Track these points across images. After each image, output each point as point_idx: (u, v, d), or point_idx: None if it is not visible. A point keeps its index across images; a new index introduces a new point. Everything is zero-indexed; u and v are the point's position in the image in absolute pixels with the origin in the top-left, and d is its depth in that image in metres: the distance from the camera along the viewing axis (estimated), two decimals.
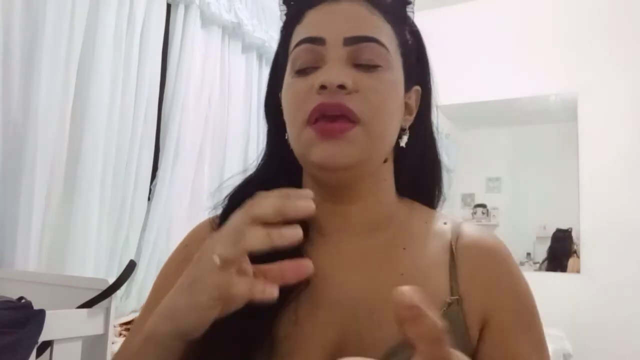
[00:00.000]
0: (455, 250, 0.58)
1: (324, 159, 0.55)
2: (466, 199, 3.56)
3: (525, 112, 3.25)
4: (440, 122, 0.69)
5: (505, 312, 0.56)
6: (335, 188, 0.60)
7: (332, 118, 0.54)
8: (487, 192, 3.53)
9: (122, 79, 1.91)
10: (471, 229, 0.61)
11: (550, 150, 3.29)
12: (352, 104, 0.54)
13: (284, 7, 0.66)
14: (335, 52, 0.56)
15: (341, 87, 0.54)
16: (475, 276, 0.57)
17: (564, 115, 3.02)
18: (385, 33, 0.59)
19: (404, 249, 0.59)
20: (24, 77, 1.57)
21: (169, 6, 2.21)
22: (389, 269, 0.57)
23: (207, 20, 2.36)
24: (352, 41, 0.56)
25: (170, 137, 2.15)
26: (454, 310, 0.54)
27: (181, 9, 2.24)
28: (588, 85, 2.83)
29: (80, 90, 1.75)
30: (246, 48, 2.63)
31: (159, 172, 2.12)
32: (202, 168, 2.34)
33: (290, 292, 0.53)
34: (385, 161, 0.61)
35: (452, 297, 0.55)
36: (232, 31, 2.52)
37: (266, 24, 2.70)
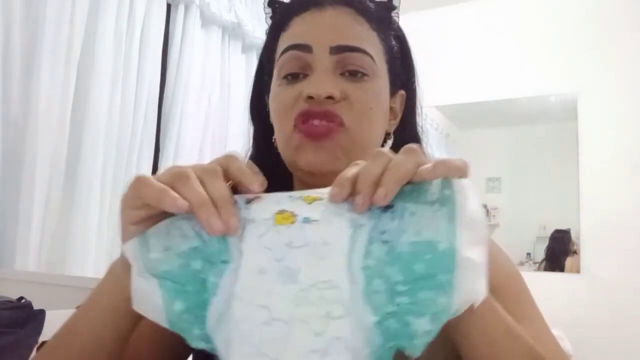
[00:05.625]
0: None
1: (312, 165, 0.56)
2: None
3: (525, 112, 3.24)
4: (440, 122, 0.69)
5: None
6: None
7: (319, 120, 0.55)
8: (487, 192, 3.52)
9: (122, 79, 1.91)
10: None
11: (550, 150, 3.28)
12: (339, 111, 0.56)
13: (269, 10, 0.67)
14: (322, 60, 0.57)
15: (329, 97, 0.55)
16: None
17: (564, 115, 3.01)
18: (371, 41, 0.59)
19: None
20: (24, 77, 1.57)
21: (169, 6, 2.21)
22: None
23: (207, 20, 2.36)
24: (338, 50, 0.57)
25: (170, 137, 2.15)
26: None
27: (181, 9, 2.24)
28: (588, 85, 2.82)
29: (80, 90, 1.75)
30: (246, 48, 2.63)
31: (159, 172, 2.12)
32: None
33: None
34: None
35: None
36: (232, 31, 2.52)
37: (266, 24, 2.70)
